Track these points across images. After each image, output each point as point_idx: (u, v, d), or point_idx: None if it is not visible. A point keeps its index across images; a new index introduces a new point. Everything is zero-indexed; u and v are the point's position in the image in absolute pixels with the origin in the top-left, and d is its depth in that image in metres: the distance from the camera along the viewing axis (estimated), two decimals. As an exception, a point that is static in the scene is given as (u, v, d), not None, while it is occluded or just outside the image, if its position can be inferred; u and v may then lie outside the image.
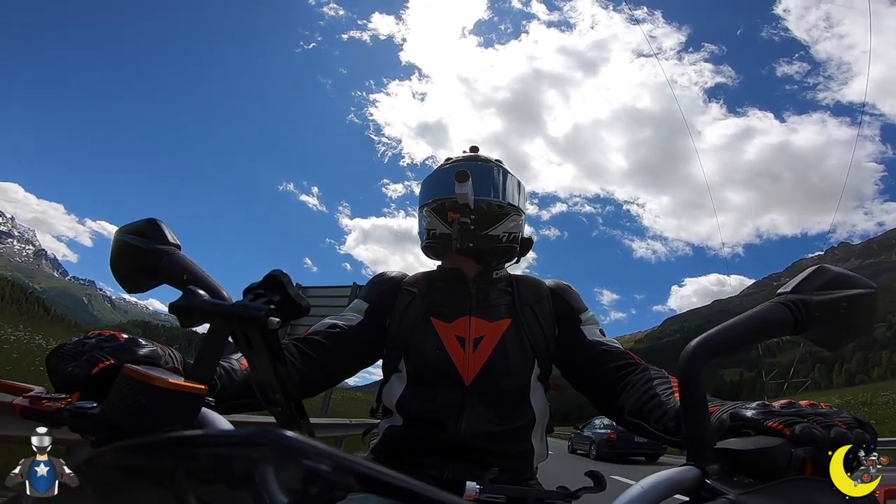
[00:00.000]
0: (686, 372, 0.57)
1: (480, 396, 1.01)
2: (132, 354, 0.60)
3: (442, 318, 1.08)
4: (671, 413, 0.81)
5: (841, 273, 0.63)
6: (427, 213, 1.15)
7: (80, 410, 0.51)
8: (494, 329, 1.07)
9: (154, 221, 0.74)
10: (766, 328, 0.61)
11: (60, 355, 0.60)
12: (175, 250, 0.73)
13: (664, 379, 0.92)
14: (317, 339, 1.05)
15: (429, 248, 1.17)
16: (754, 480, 0.53)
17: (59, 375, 0.58)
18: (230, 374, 0.83)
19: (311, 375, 1.01)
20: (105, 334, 0.63)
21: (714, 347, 0.58)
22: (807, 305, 0.61)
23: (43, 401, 0.53)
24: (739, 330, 0.60)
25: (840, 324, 0.62)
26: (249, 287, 0.53)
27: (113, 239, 0.75)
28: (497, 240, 1.11)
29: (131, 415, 0.48)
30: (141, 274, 0.73)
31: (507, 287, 1.15)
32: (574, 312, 1.11)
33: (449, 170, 1.15)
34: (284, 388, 0.53)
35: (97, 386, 0.56)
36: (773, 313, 0.61)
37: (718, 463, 0.54)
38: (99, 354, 0.59)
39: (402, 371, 1.06)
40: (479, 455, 0.98)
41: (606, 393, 0.99)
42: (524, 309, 1.10)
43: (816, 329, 0.62)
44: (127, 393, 0.49)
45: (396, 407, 1.04)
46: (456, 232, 1.07)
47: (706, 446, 0.55)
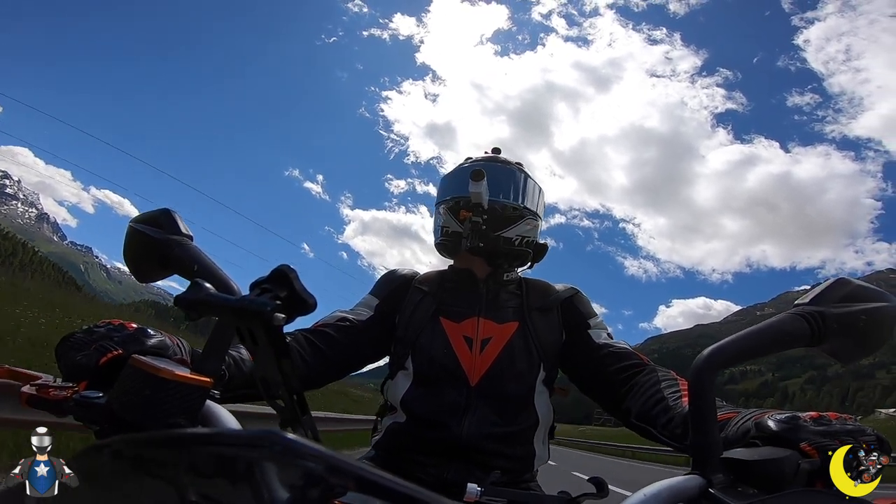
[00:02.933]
0: (697, 379, 0.56)
1: (485, 398, 1.01)
2: (140, 345, 0.60)
3: (451, 318, 1.08)
4: (678, 419, 0.80)
5: (860, 286, 0.61)
6: (443, 210, 1.15)
7: (86, 400, 0.51)
8: (502, 331, 1.06)
9: (168, 212, 0.75)
10: (782, 339, 0.59)
11: (70, 344, 0.60)
12: (187, 241, 0.73)
13: (672, 381, 0.90)
14: (326, 330, 1.05)
15: (441, 246, 1.17)
16: (759, 491, 0.52)
17: (68, 364, 0.58)
18: (239, 365, 0.84)
19: (317, 367, 1.01)
20: (115, 323, 0.63)
21: (728, 357, 0.57)
22: (825, 318, 0.59)
23: (50, 389, 0.53)
24: (755, 340, 0.59)
25: (857, 337, 0.61)
26: (256, 281, 0.53)
27: (126, 228, 0.75)
28: (510, 242, 1.10)
29: (136, 406, 0.48)
30: (153, 263, 0.74)
31: (516, 290, 1.14)
32: (583, 318, 1.11)
33: (467, 168, 1.14)
34: (288, 385, 0.53)
35: (105, 376, 0.57)
36: (790, 324, 0.60)
37: (724, 472, 0.53)
38: (108, 344, 0.59)
39: (408, 368, 1.06)
40: (481, 456, 0.98)
41: (613, 396, 0.99)
42: (532, 313, 1.10)
43: (833, 342, 0.60)
44: (133, 384, 0.49)
45: (401, 404, 1.04)
46: (467, 230, 1.06)
47: (712, 455, 0.54)
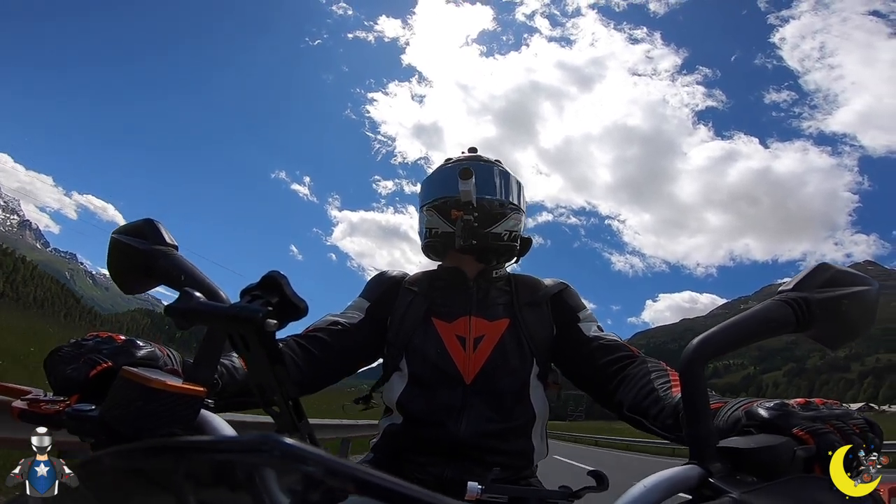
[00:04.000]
0: (687, 370, 0.57)
1: (481, 396, 1.01)
2: (130, 356, 0.60)
3: (443, 318, 1.08)
4: (668, 410, 0.81)
5: (841, 271, 0.62)
6: (428, 211, 1.15)
7: (79, 413, 0.51)
8: (494, 328, 1.07)
9: (151, 222, 0.74)
10: (768, 326, 0.60)
11: (59, 357, 0.59)
12: (172, 251, 0.73)
13: (662, 372, 0.91)
14: (318, 335, 1.05)
15: (429, 248, 1.17)
16: (757, 479, 0.53)
17: (58, 378, 0.58)
18: (231, 373, 0.83)
19: (311, 372, 1.01)
20: (102, 336, 0.62)
21: (716, 346, 0.58)
22: (808, 303, 0.60)
23: (41, 403, 0.53)
24: (741, 328, 0.59)
25: (842, 322, 0.62)
26: (247, 288, 0.52)
27: (109, 239, 0.74)
28: (499, 237, 1.12)
29: (129, 418, 0.48)
30: (138, 274, 0.73)
31: (505, 287, 1.16)
32: (572, 311, 1.12)
33: (452, 168, 1.15)
34: (283, 390, 0.53)
35: (96, 388, 0.56)
36: (775, 311, 0.61)
37: (721, 461, 0.54)
38: (97, 357, 0.58)
39: (403, 370, 1.06)
40: (480, 454, 0.98)
41: (605, 388, 0.99)
42: (522, 309, 1.11)
43: (818, 327, 0.61)
44: (125, 396, 0.49)
45: (397, 405, 1.04)
46: (460, 230, 1.07)
47: (709, 445, 0.55)
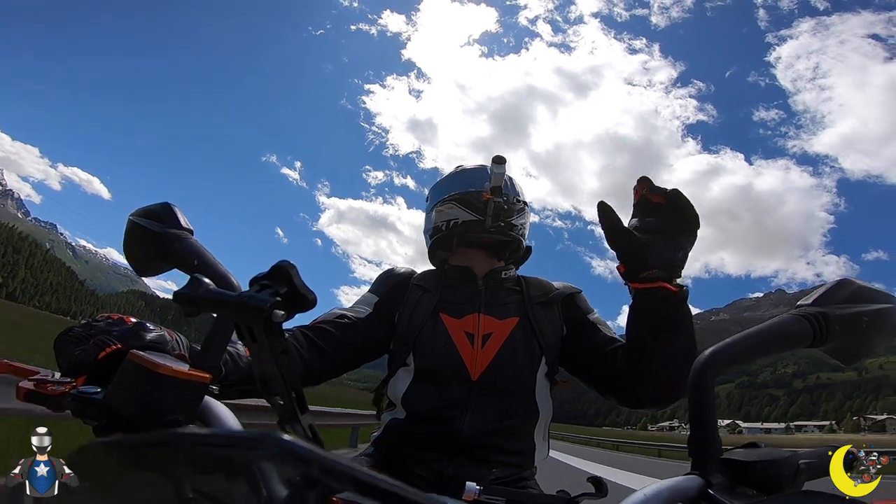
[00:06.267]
0: (697, 379, 0.56)
1: (486, 392, 1.02)
2: (139, 339, 0.60)
3: (451, 314, 1.09)
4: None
5: (863, 287, 0.61)
6: (447, 204, 1.17)
7: (84, 395, 0.50)
8: (503, 326, 1.07)
9: (168, 206, 0.74)
10: (784, 340, 0.59)
11: (68, 338, 0.59)
12: (187, 235, 0.73)
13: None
14: (325, 327, 1.05)
15: (443, 241, 1.18)
16: (758, 493, 0.52)
17: (66, 359, 0.57)
18: (236, 361, 0.84)
19: (316, 365, 1.01)
20: (114, 318, 0.62)
21: (728, 358, 0.57)
22: (828, 319, 0.59)
23: (48, 384, 0.52)
24: (756, 341, 0.58)
25: (860, 339, 0.60)
26: (256, 277, 0.52)
27: (126, 221, 0.75)
28: (518, 229, 1.16)
29: (134, 402, 0.48)
30: (152, 257, 0.74)
31: (515, 286, 1.17)
32: (582, 314, 1.13)
33: (473, 168, 1.22)
34: (287, 382, 0.52)
35: (104, 370, 0.56)
36: (792, 325, 0.59)
37: (723, 473, 0.53)
38: (106, 338, 0.58)
39: (409, 365, 1.06)
40: (482, 451, 0.98)
41: (620, 384, 1.00)
42: (533, 308, 1.11)
43: (835, 343, 0.60)
44: (131, 379, 0.49)
45: (402, 400, 1.04)
46: (491, 209, 1.11)
47: (712, 455, 0.54)
